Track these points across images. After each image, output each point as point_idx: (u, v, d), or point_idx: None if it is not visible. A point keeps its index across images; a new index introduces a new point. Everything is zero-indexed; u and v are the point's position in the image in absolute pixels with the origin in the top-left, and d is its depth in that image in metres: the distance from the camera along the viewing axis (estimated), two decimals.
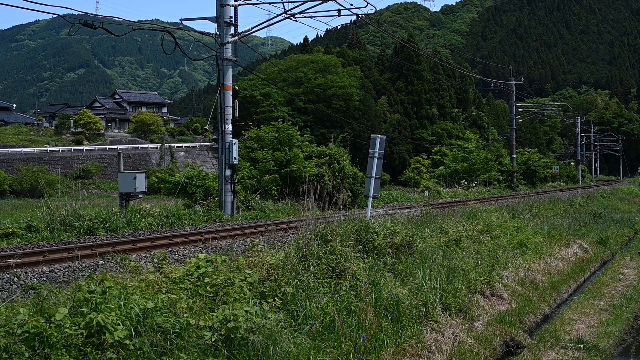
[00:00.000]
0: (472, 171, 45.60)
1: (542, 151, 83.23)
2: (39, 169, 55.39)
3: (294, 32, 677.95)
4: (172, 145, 73.05)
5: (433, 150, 62.82)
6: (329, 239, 9.11)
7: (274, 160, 24.12)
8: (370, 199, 13.10)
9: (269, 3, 20.82)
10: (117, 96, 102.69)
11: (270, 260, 8.06)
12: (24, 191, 50.21)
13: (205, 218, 17.60)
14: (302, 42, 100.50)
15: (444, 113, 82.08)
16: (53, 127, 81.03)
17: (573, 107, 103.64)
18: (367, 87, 75.66)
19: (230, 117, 19.46)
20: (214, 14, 19.57)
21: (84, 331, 5.44)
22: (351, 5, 20.45)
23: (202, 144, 75.72)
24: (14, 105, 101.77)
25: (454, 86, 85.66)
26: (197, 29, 24.78)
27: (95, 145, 70.06)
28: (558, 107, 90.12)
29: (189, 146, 74.91)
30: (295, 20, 20.59)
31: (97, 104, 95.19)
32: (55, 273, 9.05)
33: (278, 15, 20.14)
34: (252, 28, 20.62)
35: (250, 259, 8.19)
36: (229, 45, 19.52)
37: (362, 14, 22.15)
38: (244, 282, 7.24)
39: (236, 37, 19.65)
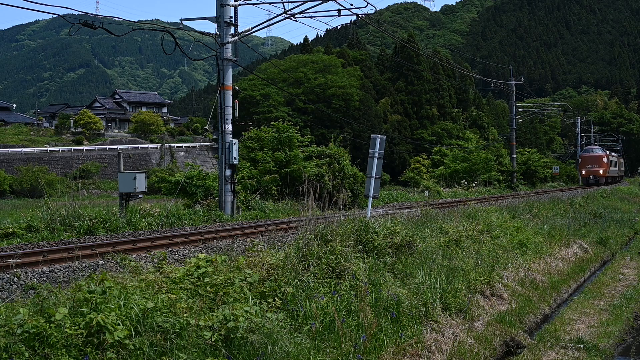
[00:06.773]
0: (472, 171, 45.60)
1: (542, 151, 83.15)
2: (39, 169, 55.38)
3: (294, 32, 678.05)
4: (172, 145, 73.04)
5: (433, 150, 62.76)
6: (329, 239, 9.10)
7: (274, 161, 24.13)
8: (370, 199, 13.10)
9: (269, 3, 20.83)
10: (117, 96, 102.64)
11: (270, 260, 8.06)
12: (24, 191, 50.21)
13: (205, 218, 17.61)
14: (302, 42, 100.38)
15: (444, 113, 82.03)
16: (53, 127, 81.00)
17: (573, 107, 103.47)
18: (367, 87, 75.61)
19: (230, 117, 19.48)
20: (214, 14, 19.60)
21: (84, 331, 5.44)
22: (351, 5, 20.49)
23: (202, 144, 75.71)
24: (14, 105, 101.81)
25: (454, 86, 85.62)
26: (197, 29, 24.79)
27: (95, 145, 70.05)
28: (558, 107, 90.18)
29: (189, 146, 74.90)
30: (295, 20, 20.62)
31: (97, 104, 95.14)
32: (55, 273, 9.05)
33: (278, 15, 20.17)
34: (252, 28, 20.63)
35: (250, 259, 8.18)
36: (229, 45, 19.53)
37: (362, 14, 22.16)
38: (244, 282, 7.24)
39: (236, 37, 19.66)
